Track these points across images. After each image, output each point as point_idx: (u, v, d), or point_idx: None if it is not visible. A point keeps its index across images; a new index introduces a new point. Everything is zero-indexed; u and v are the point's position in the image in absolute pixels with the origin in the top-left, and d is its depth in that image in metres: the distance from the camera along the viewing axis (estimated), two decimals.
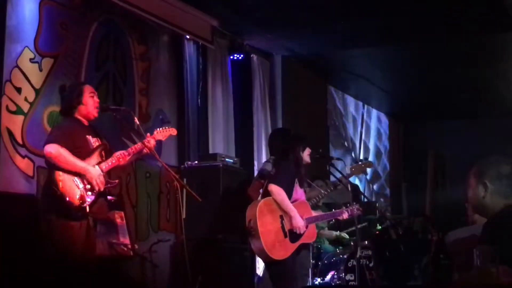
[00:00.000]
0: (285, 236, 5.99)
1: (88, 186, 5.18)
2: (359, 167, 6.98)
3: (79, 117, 5.44)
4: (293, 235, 6.04)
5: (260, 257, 6.09)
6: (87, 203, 5.14)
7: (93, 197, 5.20)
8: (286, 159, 6.22)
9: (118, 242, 5.85)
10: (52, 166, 5.19)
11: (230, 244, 7.27)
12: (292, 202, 6.08)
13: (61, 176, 5.11)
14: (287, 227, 6.01)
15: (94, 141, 5.43)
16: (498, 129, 13.18)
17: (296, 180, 6.21)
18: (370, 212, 8.85)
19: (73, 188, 5.13)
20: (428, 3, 8.02)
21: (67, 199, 5.07)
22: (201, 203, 6.23)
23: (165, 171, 6.78)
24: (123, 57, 7.42)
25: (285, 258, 5.98)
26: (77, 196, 5.11)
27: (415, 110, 13.90)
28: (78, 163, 5.18)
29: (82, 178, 5.19)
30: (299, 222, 6.00)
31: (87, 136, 5.42)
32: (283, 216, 6.02)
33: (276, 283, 6.12)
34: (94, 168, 5.24)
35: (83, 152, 5.29)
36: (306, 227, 6.11)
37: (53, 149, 5.14)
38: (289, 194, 6.08)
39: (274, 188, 5.99)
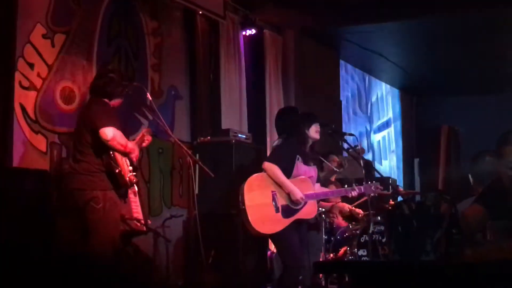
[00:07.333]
0: (277, 211, 5.93)
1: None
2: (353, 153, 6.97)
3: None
4: (287, 211, 5.99)
5: (250, 232, 6.05)
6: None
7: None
8: (290, 137, 6.18)
9: (131, 217, 5.87)
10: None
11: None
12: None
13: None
14: (280, 203, 5.95)
15: None
16: None
17: (299, 157, 6.16)
18: (383, 187, 8.82)
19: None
20: None
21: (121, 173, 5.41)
22: (213, 178, 6.25)
23: (177, 147, 6.79)
24: (135, 32, 7.41)
25: (281, 232, 5.93)
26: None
27: (428, 85, 13.81)
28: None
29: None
30: (297, 195, 5.96)
31: None
32: (277, 192, 5.98)
33: (282, 257, 6.13)
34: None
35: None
36: (305, 203, 6.07)
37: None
38: (289, 171, 6.02)
39: (266, 165, 5.97)
